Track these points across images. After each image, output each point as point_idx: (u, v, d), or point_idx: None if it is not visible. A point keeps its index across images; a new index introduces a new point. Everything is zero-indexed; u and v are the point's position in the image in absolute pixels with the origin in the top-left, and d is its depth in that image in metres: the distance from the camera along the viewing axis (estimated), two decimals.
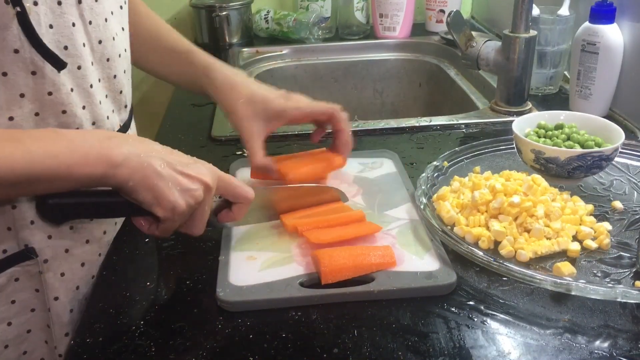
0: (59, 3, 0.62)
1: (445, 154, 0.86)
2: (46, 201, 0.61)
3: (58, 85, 0.63)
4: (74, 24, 0.63)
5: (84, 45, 0.65)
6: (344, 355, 0.55)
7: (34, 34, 0.59)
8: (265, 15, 1.64)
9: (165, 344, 0.57)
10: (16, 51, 0.58)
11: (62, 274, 0.69)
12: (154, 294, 0.65)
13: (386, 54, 1.59)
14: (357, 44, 1.60)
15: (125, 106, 0.78)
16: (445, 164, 0.84)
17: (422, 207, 0.73)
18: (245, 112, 0.78)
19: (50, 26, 0.61)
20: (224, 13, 1.57)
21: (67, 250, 0.69)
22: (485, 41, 1.09)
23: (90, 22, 0.66)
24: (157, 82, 0.86)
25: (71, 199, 0.62)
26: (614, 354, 0.54)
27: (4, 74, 0.58)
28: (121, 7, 0.73)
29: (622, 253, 0.67)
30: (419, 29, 1.66)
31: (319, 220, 0.72)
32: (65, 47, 0.63)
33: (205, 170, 0.63)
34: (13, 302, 0.67)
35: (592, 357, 0.54)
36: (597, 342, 0.56)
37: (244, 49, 1.56)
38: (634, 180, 0.81)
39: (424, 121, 1.05)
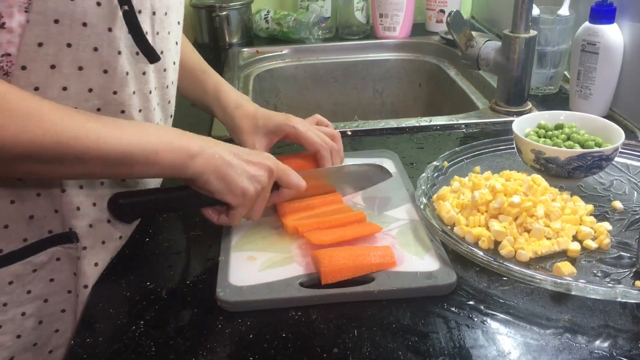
0: (140, 12, 0.65)
1: (445, 154, 0.86)
2: (117, 201, 0.67)
3: (124, 87, 0.66)
4: (147, 33, 0.67)
5: (162, 52, 0.70)
6: (344, 355, 0.55)
7: (138, 30, 0.64)
8: (265, 15, 1.65)
9: (165, 344, 0.57)
10: (95, 49, 0.62)
11: (96, 264, 0.71)
12: (154, 294, 0.65)
13: (386, 54, 1.59)
14: (357, 44, 1.60)
15: (171, 116, 0.82)
16: (445, 164, 0.84)
17: (422, 207, 0.73)
18: (247, 127, 0.85)
19: (157, 33, 0.67)
20: (224, 13, 1.58)
21: (103, 242, 0.71)
22: (485, 41, 1.09)
23: (157, 33, 0.70)
24: None
25: (141, 197, 0.69)
26: (614, 354, 0.54)
27: (80, 68, 0.62)
28: (178, 23, 0.77)
29: (622, 253, 0.67)
30: (419, 29, 1.66)
31: (320, 221, 0.72)
32: (137, 53, 0.67)
33: (265, 158, 0.69)
34: (52, 280, 0.70)
35: (592, 357, 0.54)
36: (597, 342, 0.56)
37: (244, 49, 1.56)
38: (634, 180, 0.81)
39: (424, 121, 1.05)
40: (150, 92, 0.72)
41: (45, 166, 0.57)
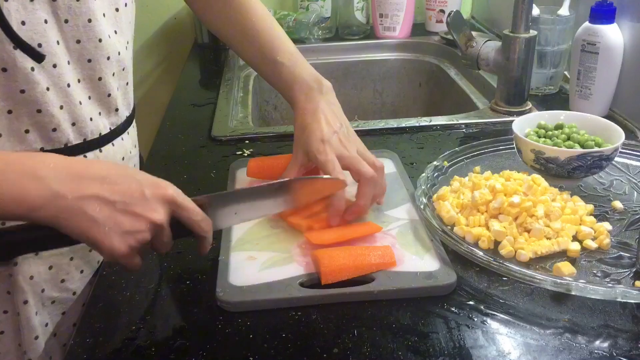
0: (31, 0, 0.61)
1: (445, 154, 0.86)
2: None
3: (32, 83, 0.62)
4: (46, 21, 0.62)
5: (57, 43, 0.64)
6: (344, 355, 0.55)
7: (8, 28, 0.58)
8: None
9: (165, 344, 0.57)
10: None
11: (31, 277, 0.68)
12: (154, 294, 0.65)
13: (386, 54, 1.59)
14: (357, 44, 1.60)
15: (117, 109, 0.76)
16: (445, 163, 0.84)
17: (422, 207, 0.73)
18: (295, 136, 0.77)
19: (23, 23, 0.60)
20: None
21: (36, 253, 0.68)
22: (485, 41, 1.09)
23: (66, 21, 0.65)
24: (157, 82, 0.86)
25: (16, 234, 0.55)
26: (614, 354, 0.54)
27: None
28: (117, 10, 0.72)
29: (622, 253, 0.67)
30: (419, 29, 1.66)
31: (320, 218, 0.72)
32: (39, 45, 0.62)
33: (155, 205, 0.55)
34: None
35: (592, 357, 0.54)
36: (597, 342, 0.56)
37: None
38: (634, 180, 0.81)
39: (424, 121, 1.05)
40: (69, 86, 0.66)
41: None
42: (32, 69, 0.61)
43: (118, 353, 0.57)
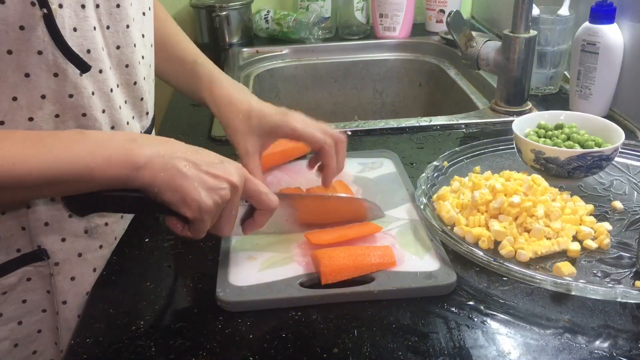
0: (83, 6, 0.61)
1: (445, 154, 0.86)
2: (72, 197, 0.60)
3: (80, 88, 0.63)
4: (95, 28, 0.63)
5: (102, 49, 0.65)
6: (344, 355, 0.55)
7: (59, 36, 0.59)
8: (265, 15, 1.65)
9: (165, 344, 0.57)
10: (40, 52, 0.58)
11: (73, 278, 0.69)
12: (154, 294, 0.65)
13: (386, 54, 1.59)
14: (357, 44, 1.60)
15: (147, 113, 0.78)
16: (445, 164, 0.84)
17: (422, 207, 0.73)
18: (240, 127, 0.77)
19: (75, 29, 0.61)
20: (224, 13, 1.57)
21: (80, 255, 0.69)
22: (485, 41, 1.09)
23: (108, 27, 0.66)
24: (157, 82, 0.86)
25: (94, 193, 0.60)
26: (614, 354, 0.54)
27: (27, 75, 0.58)
28: (144, 14, 0.73)
29: (622, 253, 0.67)
30: (419, 29, 1.66)
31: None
32: (88, 51, 0.63)
33: (232, 170, 0.61)
34: (24, 301, 0.68)
35: (592, 357, 0.54)
36: (597, 342, 0.56)
37: (244, 49, 1.56)
38: (634, 180, 0.81)
39: (424, 121, 1.05)
40: (112, 91, 0.68)
41: None
42: (81, 74, 0.62)
43: (118, 353, 0.57)
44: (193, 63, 0.84)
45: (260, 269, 0.65)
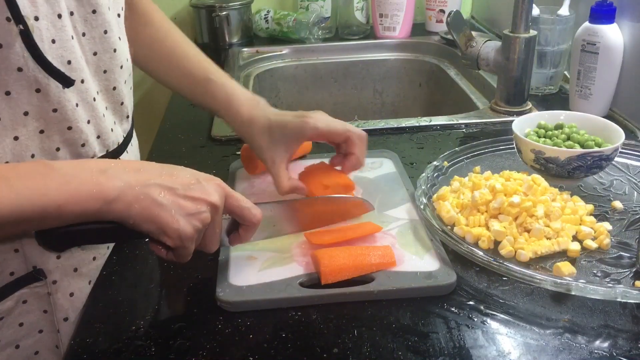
0: (59, 16, 0.60)
1: (445, 154, 0.86)
2: (45, 230, 0.56)
3: (63, 102, 0.62)
4: (72, 37, 0.62)
5: (81, 57, 0.64)
6: (344, 355, 0.55)
7: (37, 52, 0.57)
8: (265, 15, 1.65)
9: (165, 344, 0.57)
10: (20, 69, 0.57)
11: (71, 294, 0.68)
12: (154, 294, 0.65)
13: (386, 54, 1.59)
14: (357, 44, 1.60)
15: (127, 116, 0.77)
16: (445, 164, 0.84)
17: (422, 207, 0.73)
18: (264, 143, 0.76)
19: (53, 41, 0.60)
20: (224, 13, 1.57)
21: (75, 270, 0.69)
22: (485, 41, 1.09)
23: (84, 34, 0.64)
24: (157, 82, 0.86)
25: (72, 227, 0.56)
26: (614, 354, 0.54)
27: (7, 93, 0.57)
28: (119, 15, 0.71)
29: (622, 253, 0.67)
30: (419, 29, 1.66)
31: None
32: (69, 62, 0.62)
33: (211, 190, 0.58)
34: (21, 324, 0.67)
35: (592, 357, 0.54)
36: (597, 342, 0.56)
37: (244, 49, 1.56)
38: (634, 180, 0.81)
39: (424, 121, 1.05)
40: (94, 99, 0.67)
41: None
42: (64, 87, 0.61)
43: (118, 353, 0.57)
44: (206, 80, 0.82)
45: (260, 268, 0.65)
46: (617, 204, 0.76)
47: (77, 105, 0.64)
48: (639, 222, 0.73)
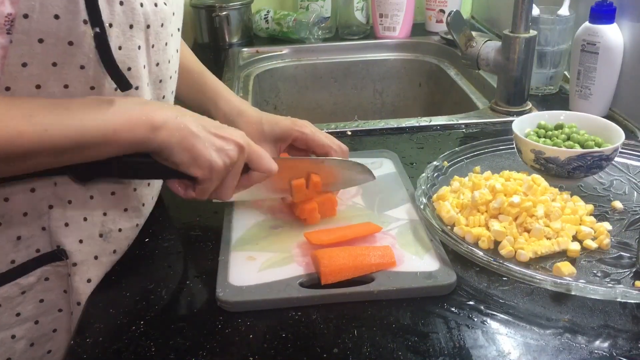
0: (131, 26, 0.63)
1: (445, 154, 0.86)
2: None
3: None
4: (139, 47, 0.65)
5: (144, 67, 0.67)
6: (344, 355, 0.55)
7: (108, 54, 0.60)
8: (265, 15, 1.65)
9: (165, 344, 0.57)
10: (82, 67, 0.60)
11: (89, 280, 0.69)
12: (154, 294, 0.65)
13: (386, 54, 1.59)
14: (357, 44, 1.60)
15: None
16: (445, 164, 0.84)
17: (422, 207, 0.73)
18: (254, 135, 0.78)
19: (120, 48, 0.62)
20: (224, 13, 1.58)
21: (96, 257, 0.70)
22: (485, 41, 1.09)
23: (153, 46, 0.67)
24: None
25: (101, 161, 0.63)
26: (614, 354, 0.54)
27: (65, 87, 0.60)
28: (178, 30, 0.75)
29: (622, 253, 0.67)
30: (419, 29, 1.66)
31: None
32: (129, 69, 0.64)
33: (237, 133, 0.66)
34: (41, 301, 0.69)
35: (592, 357, 0.54)
36: (597, 342, 0.56)
37: (244, 49, 1.56)
38: (634, 180, 0.81)
39: (424, 121, 1.05)
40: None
41: None
42: (116, 89, 0.63)
43: (118, 353, 0.57)
44: (200, 74, 0.88)
45: (260, 269, 0.65)
46: (617, 204, 0.76)
47: None
48: (639, 222, 0.73)
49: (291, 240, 0.70)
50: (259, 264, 0.66)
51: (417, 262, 0.66)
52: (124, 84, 0.63)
